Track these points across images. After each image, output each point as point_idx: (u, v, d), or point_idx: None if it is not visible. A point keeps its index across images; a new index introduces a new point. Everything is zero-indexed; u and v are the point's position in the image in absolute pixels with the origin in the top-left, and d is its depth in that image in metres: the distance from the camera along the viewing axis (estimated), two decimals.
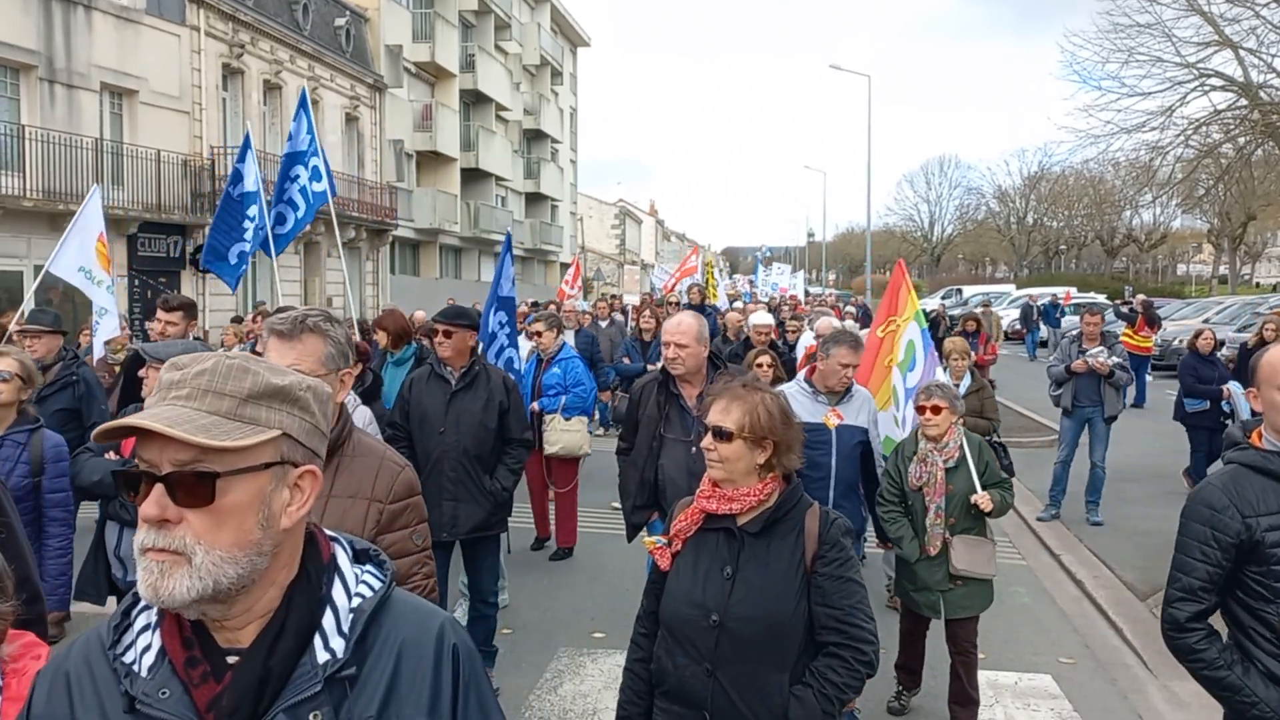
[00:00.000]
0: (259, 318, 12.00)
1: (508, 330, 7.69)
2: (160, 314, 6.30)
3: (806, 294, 35.09)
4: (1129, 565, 7.86)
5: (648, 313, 11.36)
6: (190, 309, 6.41)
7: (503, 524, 5.51)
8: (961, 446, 4.93)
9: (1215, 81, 22.65)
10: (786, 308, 21.66)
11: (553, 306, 15.68)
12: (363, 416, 4.70)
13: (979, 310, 20.43)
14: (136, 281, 20.81)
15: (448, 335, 5.37)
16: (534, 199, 49.65)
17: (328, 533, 1.47)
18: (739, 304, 21.35)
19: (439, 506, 5.12)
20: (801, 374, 5.29)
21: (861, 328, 16.35)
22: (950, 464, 4.89)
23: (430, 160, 36.55)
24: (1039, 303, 29.81)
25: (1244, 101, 22.47)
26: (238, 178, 9.80)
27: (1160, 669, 5.92)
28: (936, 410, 4.89)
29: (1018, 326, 30.42)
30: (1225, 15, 21.58)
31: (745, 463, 2.68)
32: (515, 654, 5.97)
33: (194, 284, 22.55)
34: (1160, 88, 22.72)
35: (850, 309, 24.14)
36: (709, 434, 2.72)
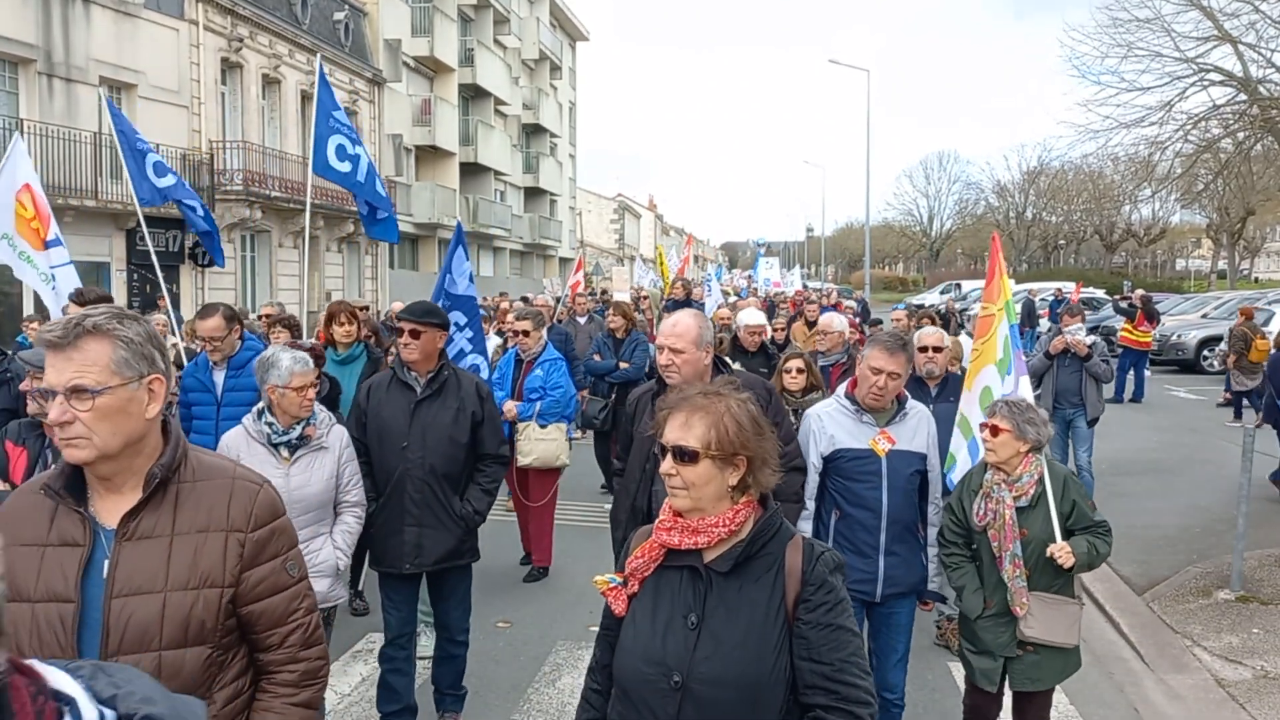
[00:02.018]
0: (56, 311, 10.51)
1: (469, 334, 6.94)
2: None
3: (804, 287, 33.93)
4: (1126, 560, 7.88)
5: (611, 310, 10.47)
6: None
7: (475, 552, 4.88)
8: (1041, 481, 4.01)
9: (1214, 76, 22.63)
10: (784, 306, 21.14)
11: (539, 302, 15.15)
12: (338, 436, 4.30)
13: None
14: (135, 276, 20.81)
15: (415, 335, 4.63)
16: (533, 194, 49.63)
17: (50, 682, 0.84)
18: (733, 299, 20.70)
19: (400, 533, 4.61)
20: (842, 388, 4.42)
21: (862, 323, 16.15)
22: (1024, 502, 3.98)
23: (429, 155, 36.53)
24: (1039, 298, 29.49)
25: (1243, 96, 22.46)
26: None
27: (1157, 663, 5.95)
28: (995, 431, 4.00)
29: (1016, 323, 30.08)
30: (1224, 10, 21.55)
31: (715, 486, 2.23)
32: (514, 647, 6.00)
33: (193, 278, 22.56)
34: (1159, 83, 22.71)
35: (851, 303, 23.86)
36: (667, 456, 2.25)
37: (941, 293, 45.48)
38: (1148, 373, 18.06)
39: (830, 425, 4.27)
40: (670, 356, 3.90)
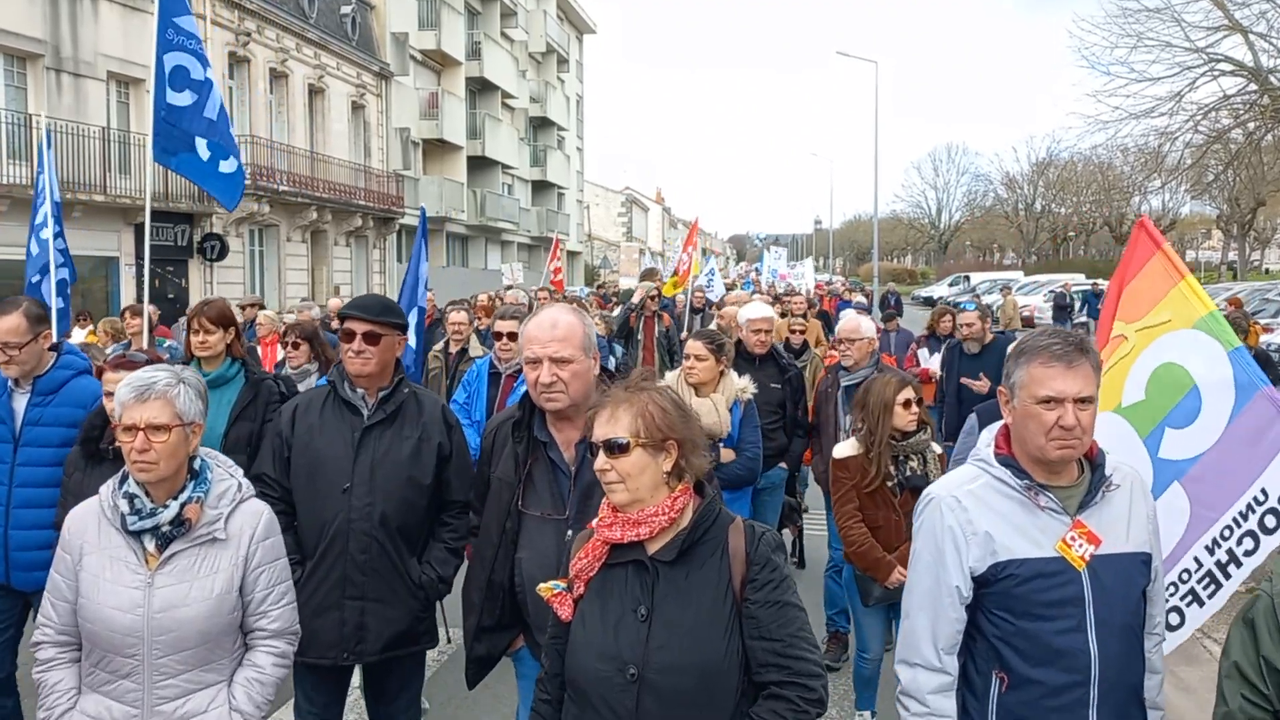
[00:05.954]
0: (126, 314, 10.34)
1: (414, 346, 5.89)
2: None
3: (816, 283, 31.99)
4: None
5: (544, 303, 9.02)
6: None
7: (432, 635, 3.61)
8: None
9: (1225, 66, 22.51)
10: (797, 301, 19.82)
11: (524, 297, 13.67)
12: (248, 520, 2.71)
13: (996, 296, 19.11)
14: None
15: (371, 340, 3.33)
16: (540, 187, 49.64)
17: None
18: (739, 293, 19.29)
19: (339, 608, 3.31)
20: (987, 444, 2.54)
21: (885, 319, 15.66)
22: None
23: (436, 148, 36.54)
24: (1074, 290, 28.98)
25: (1253, 86, 22.33)
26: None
27: (1167, 656, 5.93)
28: None
29: (1040, 318, 29.65)
30: None
31: (651, 474, 2.23)
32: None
33: (202, 273, 22.63)
34: (1169, 73, 22.58)
35: (861, 299, 23.02)
36: (599, 453, 2.24)
37: (950, 285, 45.44)
38: None
39: (983, 518, 2.41)
40: (554, 371, 2.81)
